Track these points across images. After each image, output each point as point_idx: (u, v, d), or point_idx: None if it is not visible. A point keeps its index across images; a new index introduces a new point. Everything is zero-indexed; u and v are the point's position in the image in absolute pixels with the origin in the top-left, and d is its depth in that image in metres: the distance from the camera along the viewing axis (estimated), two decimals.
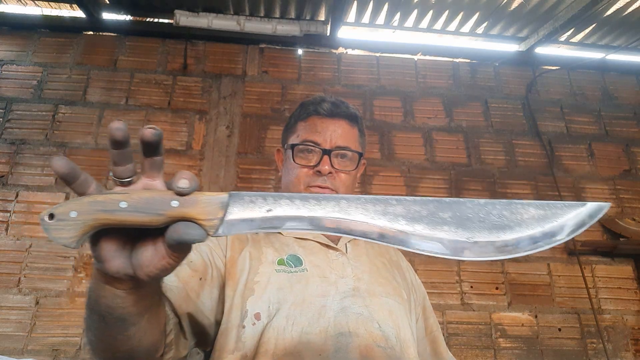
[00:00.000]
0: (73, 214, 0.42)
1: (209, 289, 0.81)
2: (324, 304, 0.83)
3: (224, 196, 0.45)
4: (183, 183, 0.44)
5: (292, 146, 1.00)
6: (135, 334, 0.56)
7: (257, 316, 0.80)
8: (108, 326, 0.54)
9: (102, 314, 0.53)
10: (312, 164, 0.98)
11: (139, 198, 0.43)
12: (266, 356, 0.76)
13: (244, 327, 0.79)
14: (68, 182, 0.44)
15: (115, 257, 0.45)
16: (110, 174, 0.47)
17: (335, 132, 1.00)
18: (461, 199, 0.46)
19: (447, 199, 0.46)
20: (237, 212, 0.45)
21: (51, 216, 0.43)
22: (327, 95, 1.07)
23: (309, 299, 0.83)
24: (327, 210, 0.46)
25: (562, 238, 0.45)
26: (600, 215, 0.46)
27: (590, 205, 0.46)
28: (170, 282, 0.74)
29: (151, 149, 0.45)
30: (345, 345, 0.78)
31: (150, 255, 0.45)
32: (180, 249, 0.45)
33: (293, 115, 1.08)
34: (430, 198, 0.47)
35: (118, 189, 0.46)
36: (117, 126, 0.43)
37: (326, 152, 0.97)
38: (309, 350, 0.77)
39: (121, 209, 0.43)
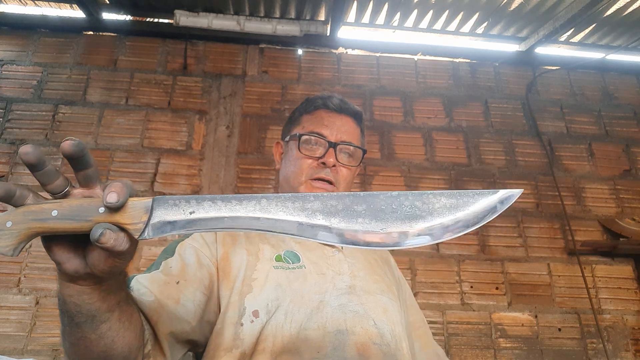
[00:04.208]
0: (8, 224, 0.45)
1: (191, 289, 0.78)
2: (321, 299, 0.84)
3: (148, 201, 0.48)
4: (111, 198, 0.45)
5: (299, 136, 1.01)
6: (107, 332, 0.56)
7: (256, 313, 0.79)
8: (79, 326, 0.54)
9: (72, 314, 0.53)
10: (317, 155, 0.98)
11: (69, 206, 0.46)
12: (264, 353, 0.76)
13: (242, 324, 0.79)
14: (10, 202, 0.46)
15: (70, 259, 0.48)
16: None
17: (341, 127, 1.01)
18: (375, 192, 0.49)
19: (362, 193, 0.49)
20: (161, 216, 0.47)
21: None
22: (333, 92, 1.09)
23: (307, 295, 0.83)
24: (248, 210, 0.48)
25: (474, 223, 0.47)
26: (512, 202, 0.48)
27: (502, 192, 0.48)
28: (142, 295, 0.71)
29: (77, 162, 0.46)
30: (342, 343, 0.79)
31: (97, 256, 0.47)
32: (118, 253, 0.46)
33: (297, 109, 1.10)
34: (346, 193, 0.49)
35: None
36: (26, 151, 0.44)
37: (332, 145, 0.98)
38: (308, 347, 0.77)
39: (52, 217, 0.45)
